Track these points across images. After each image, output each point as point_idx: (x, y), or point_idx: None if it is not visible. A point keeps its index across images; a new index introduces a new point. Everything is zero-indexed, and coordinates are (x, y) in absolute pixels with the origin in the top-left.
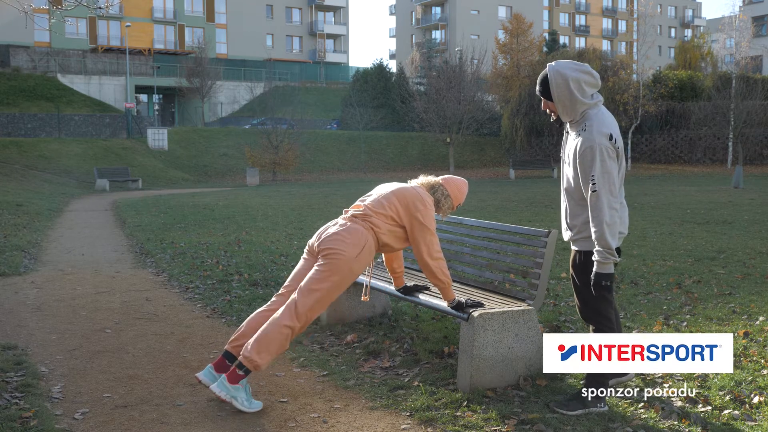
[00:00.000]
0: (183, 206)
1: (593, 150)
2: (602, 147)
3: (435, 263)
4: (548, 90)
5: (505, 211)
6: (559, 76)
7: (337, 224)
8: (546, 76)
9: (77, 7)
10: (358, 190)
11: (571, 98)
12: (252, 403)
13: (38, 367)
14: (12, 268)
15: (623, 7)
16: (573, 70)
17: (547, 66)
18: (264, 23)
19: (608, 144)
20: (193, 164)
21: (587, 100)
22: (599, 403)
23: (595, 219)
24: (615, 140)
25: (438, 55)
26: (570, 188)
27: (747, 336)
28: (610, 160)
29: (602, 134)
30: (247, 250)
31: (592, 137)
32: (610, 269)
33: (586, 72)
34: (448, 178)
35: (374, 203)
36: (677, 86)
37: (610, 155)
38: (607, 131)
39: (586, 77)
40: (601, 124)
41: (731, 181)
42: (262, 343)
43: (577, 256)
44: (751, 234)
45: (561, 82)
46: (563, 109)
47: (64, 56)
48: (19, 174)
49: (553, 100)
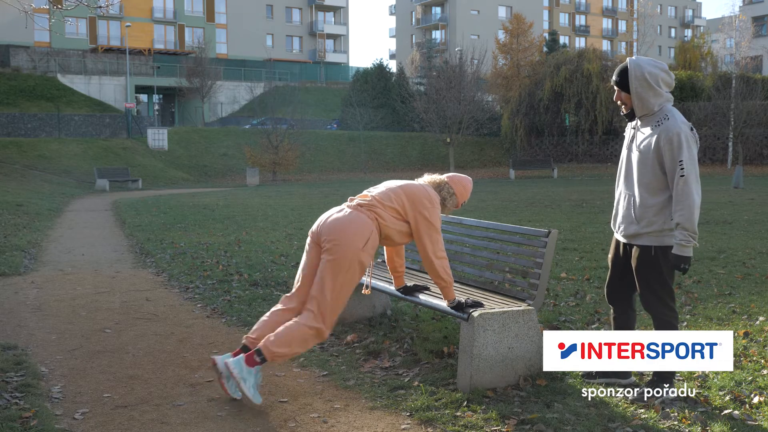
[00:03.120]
0: (183, 206)
1: (680, 137)
2: (688, 135)
3: (439, 262)
4: (625, 81)
5: (505, 211)
6: (638, 68)
7: (342, 211)
8: (625, 68)
9: (77, 7)
10: (358, 190)
11: (649, 90)
12: (256, 394)
13: (38, 367)
14: (12, 268)
15: (623, 7)
16: (653, 66)
17: (627, 59)
18: (264, 23)
19: (691, 133)
20: (193, 164)
21: (663, 94)
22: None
23: (683, 202)
24: (695, 132)
25: (438, 55)
26: (643, 179)
27: (747, 336)
28: (695, 147)
29: (686, 124)
30: (247, 250)
31: (678, 125)
32: (689, 252)
33: (664, 70)
34: (453, 176)
35: (381, 195)
36: (677, 86)
37: (694, 143)
38: (687, 123)
39: (663, 75)
40: (679, 115)
41: (731, 181)
42: (283, 337)
43: (645, 251)
44: (751, 234)
45: (640, 74)
46: (639, 102)
47: (64, 56)
48: (19, 174)
49: (630, 92)
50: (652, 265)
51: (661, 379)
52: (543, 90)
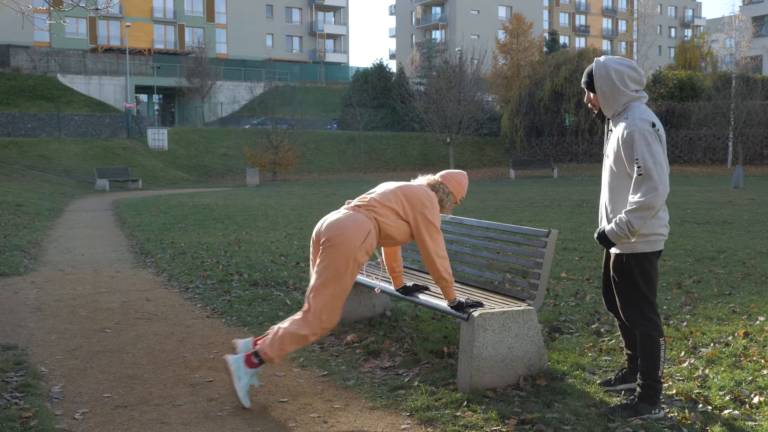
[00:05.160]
0: (183, 206)
1: (633, 134)
2: (645, 131)
3: (441, 261)
4: (593, 82)
5: (505, 211)
6: (603, 67)
7: (340, 212)
8: (592, 69)
9: (77, 7)
10: (358, 190)
11: (613, 89)
12: (245, 397)
13: (38, 367)
14: (12, 268)
15: (623, 7)
16: (617, 63)
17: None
18: (264, 23)
19: (651, 129)
20: (193, 164)
21: (630, 92)
22: (654, 409)
23: (635, 195)
24: (657, 129)
25: (438, 55)
26: (612, 183)
27: (747, 336)
28: (655, 144)
29: (644, 120)
30: (247, 250)
31: (634, 123)
32: (615, 240)
33: (630, 67)
34: (446, 174)
35: (380, 196)
36: (677, 86)
37: (654, 140)
38: (648, 119)
39: (629, 71)
40: (643, 113)
41: (731, 181)
42: (277, 340)
43: (618, 259)
44: (751, 234)
45: (604, 73)
46: (605, 101)
47: (64, 56)
48: (19, 174)
49: (596, 92)
50: (625, 274)
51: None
52: (543, 90)
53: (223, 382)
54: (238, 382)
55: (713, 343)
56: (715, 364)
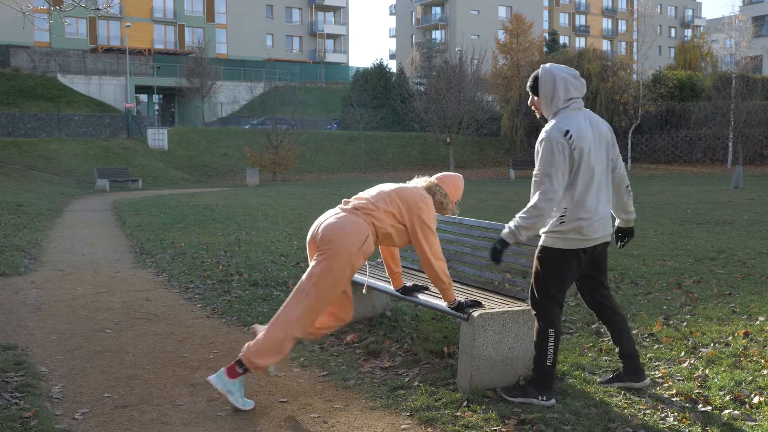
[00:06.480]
0: (183, 206)
1: (541, 144)
2: (554, 141)
3: (438, 263)
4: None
5: (505, 211)
6: (549, 74)
7: (337, 215)
8: (538, 74)
9: (77, 8)
10: (358, 191)
11: (553, 95)
12: (245, 402)
13: (38, 367)
14: (12, 268)
15: (623, 7)
16: (562, 71)
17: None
18: (264, 23)
19: (561, 139)
20: (193, 164)
21: (563, 99)
22: (541, 395)
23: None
24: (572, 137)
25: (438, 55)
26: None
27: (747, 336)
28: (558, 154)
29: (558, 129)
30: (247, 250)
31: (548, 131)
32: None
33: (574, 76)
34: (442, 177)
35: (376, 198)
36: (677, 86)
37: (560, 150)
38: (564, 127)
39: (572, 80)
40: (563, 121)
41: (731, 181)
42: (260, 345)
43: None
44: (751, 234)
45: (549, 80)
46: (545, 105)
47: (64, 56)
48: (19, 174)
49: (539, 96)
50: (538, 260)
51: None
52: None
53: None
54: (232, 396)
55: (713, 343)
56: (715, 365)
